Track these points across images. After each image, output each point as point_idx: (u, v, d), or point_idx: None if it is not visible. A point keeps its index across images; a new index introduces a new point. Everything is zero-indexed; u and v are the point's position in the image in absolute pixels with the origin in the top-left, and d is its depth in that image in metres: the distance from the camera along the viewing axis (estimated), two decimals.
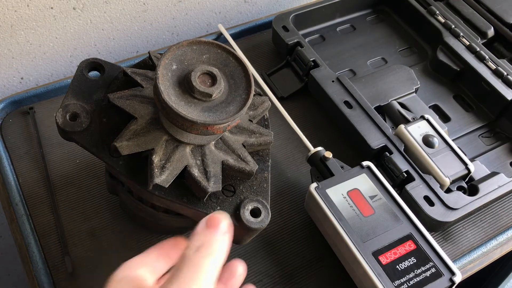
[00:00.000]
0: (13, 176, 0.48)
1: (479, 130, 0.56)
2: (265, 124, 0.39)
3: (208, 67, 0.32)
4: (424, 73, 0.61)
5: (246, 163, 0.34)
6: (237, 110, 0.31)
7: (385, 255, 0.40)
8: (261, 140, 0.36)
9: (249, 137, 0.36)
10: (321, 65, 0.56)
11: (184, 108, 0.30)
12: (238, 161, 0.34)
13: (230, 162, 0.34)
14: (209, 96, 0.31)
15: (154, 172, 0.31)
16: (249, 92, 0.32)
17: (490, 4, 0.63)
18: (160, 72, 0.30)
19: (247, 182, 0.36)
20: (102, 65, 0.37)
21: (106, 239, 0.45)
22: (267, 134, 0.37)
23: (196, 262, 0.26)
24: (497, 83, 0.55)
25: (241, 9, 0.71)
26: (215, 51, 0.33)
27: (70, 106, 0.35)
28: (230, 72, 0.33)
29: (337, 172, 0.45)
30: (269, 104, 0.39)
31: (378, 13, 0.68)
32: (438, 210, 0.45)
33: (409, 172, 0.47)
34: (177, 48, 0.32)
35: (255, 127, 0.37)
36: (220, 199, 0.34)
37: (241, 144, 0.35)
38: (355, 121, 0.51)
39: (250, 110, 0.38)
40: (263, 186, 0.36)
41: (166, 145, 0.33)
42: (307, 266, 0.45)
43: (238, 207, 0.34)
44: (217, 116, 0.31)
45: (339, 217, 0.42)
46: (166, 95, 0.30)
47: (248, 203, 0.34)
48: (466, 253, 0.47)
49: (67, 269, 0.43)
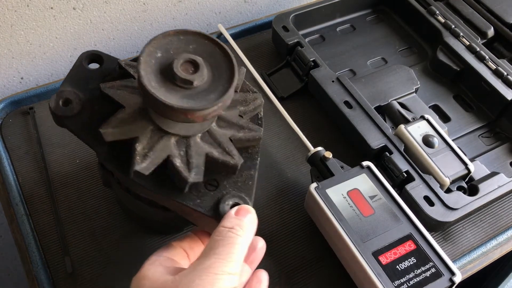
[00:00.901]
0: (13, 176, 0.48)
1: (479, 130, 0.56)
2: (258, 123, 0.39)
3: (191, 56, 0.32)
4: (424, 73, 0.61)
5: (231, 157, 0.34)
6: (217, 98, 0.31)
7: (385, 255, 0.40)
8: (250, 135, 0.36)
9: (237, 132, 0.35)
10: (321, 65, 0.56)
11: (164, 94, 0.30)
12: (222, 154, 0.34)
13: (214, 155, 0.34)
14: (190, 83, 0.31)
15: (136, 160, 0.32)
16: (231, 82, 0.32)
17: (490, 4, 0.63)
18: (143, 58, 0.31)
19: (232, 178, 0.35)
20: (101, 57, 0.38)
21: (106, 239, 0.45)
22: (256, 130, 0.36)
23: (231, 240, 0.30)
24: (497, 83, 0.55)
25: (241, 9, 0.71)
26: (202, 41, 0.33)
27: (64, 93, 0.35)
28: (215, 62, 0.33)
29: (337, 172, 0.45)
30: (261, 101, 0.38)
31: (378, 13, 0.68)
32: (438, 210, 0.45)
33: (409, 172, 0.47)
34: (163, 37, 0.32)
35: (245, 123, 0.36)
36: (201, 192, 0.34)
37: (228, 138, 0.35)
38: (355, 121, 0.51)
39: (242, 105, 0.37)
40: (248, 183, 0.35)
41: (151, 135, 0.33)
42: (307, 266, 0.45)
43: (218, 201, 0.34)
44: (196, 103, 0.30)
45: (339, 217, 0.42)
46: (146, 80, 0.30)
47: (229, 198, 0.34)
48: (466, 253, 0.47)
49: (67, 269, 0.43)
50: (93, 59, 0.38)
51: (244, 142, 0.36)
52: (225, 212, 0.33)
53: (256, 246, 0.35)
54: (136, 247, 0.45)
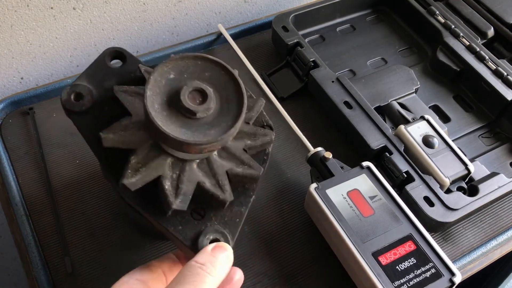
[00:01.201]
0: (13, 176, 0.48)
1: (479, 130, 0.56)
2: (264, 158, 0.37)
3: (202, 85, 0.30)
4: (424, 73, 0.61)
5: (221, 191, 0.32)
6: (217, 134, 0.30)
7: (385, 256, 0.40)
8: (248, 172, 0.34)
9: (237, 166, 0.34)
10: (321, 65, 0.56)
11: (164, 119, 0.29)
12: (214, 187, 0.32)
13: (205, 185, 0.32)
14: (193, 114, 0.30)
15: (127, 173, 0.31)
16: (236, 120, 0.30)
17: (490, 4, 0.63)
18: (153, 77, 0.30)
19: (220, 212, 0.34)
20: (124, 56, 0.37)
21: (106, 239, 0.45)
22: (256, 168, 0.34)
23: (198, 277, 0.29)
24: (497, 83, 0.55)
25: (241, 9, 0.71)
26: (219, 71, 0.32)
27: (79, 87, 0.35)
28: (227, 95, 0.31)
29: (337, 173, 0.45)
30: (271, 138, 0.37)
31: (378, 13, 0.68)
32: (438, 211, 0.45)
33: (409, 173, 0.47)
34: (181, 58, 0.31)
35: (247, 158, 0.34)
36: (185, 219, 0.33)
37: (224, 171, 0.33)
38: (355, 121, 0.51)
39: (249, 139, 0.35)
40: (235, 220, 0.34)
41: (148, 150, 0.32)
42: (307, 266, 0.45)
43: (200, 233, 0.32)
44: (193, 135, 0.29)
45: (339, 217, 0.42)
46: (149, 101, 0.29)
47: (211, 232, 0.32)
48: (466, 254, 0.47)
49: (67, 269, 0.43)
50: (116, 56, 0.37)
51: (241, 178, 0.34)
52: (203, 247, 0.31)
53: (233, 278, 0.33)
54: (136, 248, 0.45)
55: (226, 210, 0.34)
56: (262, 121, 0.38)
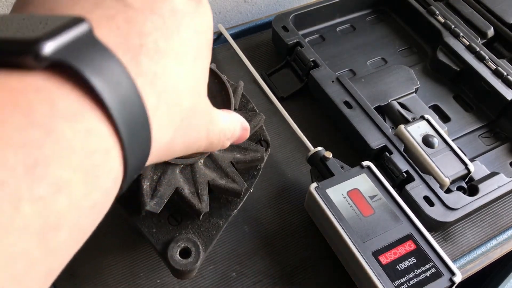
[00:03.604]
0: None
1: (479, 130, 0.56)
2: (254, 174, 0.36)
3: None
4: (424, 73, 0.61)
5: (199, 201, 0.32)
6: None
7: (385, 255, 0.40)
8: (229, 186, 0.33)
9: (220, 178, 0.33)
10: (321, 65, 0.56)
11: None
12: (192, 195, 0.32)
13: (183, 192, 0.32)
14: None
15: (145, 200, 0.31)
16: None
17: (490, 4, 0.63)
18: None
19: (197, 221, 0.33)
20: None
21: (106, 239, 0.45)
22: (240, 183, 0.34)
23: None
24: (497, 83, 0.55)
25: (241, 9, 0.71)
26: (212, 79, 0.32)
27: None
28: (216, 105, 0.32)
29: (337, 172, 0.45)
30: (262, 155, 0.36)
31: (378, 13, 0.68)
32: (438, 210, 0.45)
33: (409, 172, 0.47)
34: None
35: (232, 172, 0.34)
36: (161, 223, 0.32)
37: (206, 180, 0.33)
38: (355, 121, 0.51)
39: (239, 153, 0.35)
40: (211, 232, 0.33)
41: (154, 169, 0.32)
42: (307, 266, 0.45)
43: (171, 240, 0.32)
44: None
45: (339, 217, 0.42)
46: None
47: (182, 241, 0.32)
48: (466, 253, 0.47)
49: (67, 269, 0.43)
50: None
51: (223, 190, 0.34)
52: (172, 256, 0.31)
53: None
54: (136, 248, 0.45)
55: (203, 220, 0.33)
56: (260, 135, 0.38)
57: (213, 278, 0.43)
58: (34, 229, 0.14)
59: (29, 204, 0.14)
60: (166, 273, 0.43)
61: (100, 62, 0.16)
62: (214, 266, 0.44)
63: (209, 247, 0.33)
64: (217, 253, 0.45)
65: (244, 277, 0.44)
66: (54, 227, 0.15)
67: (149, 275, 0.43)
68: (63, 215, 0.15)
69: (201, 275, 0.43)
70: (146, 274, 0.43)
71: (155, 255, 0.44)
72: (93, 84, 0.16)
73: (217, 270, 0.44)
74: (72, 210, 0.15)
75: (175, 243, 0.32)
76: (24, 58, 0.15)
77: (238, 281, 0.43)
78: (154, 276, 0.43)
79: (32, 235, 0.14)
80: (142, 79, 0.18)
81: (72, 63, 0.16)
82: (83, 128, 0.16)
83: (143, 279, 0.42)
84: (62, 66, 0.16)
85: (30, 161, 0.14)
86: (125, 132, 0.17)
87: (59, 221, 0.15)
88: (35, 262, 0.14)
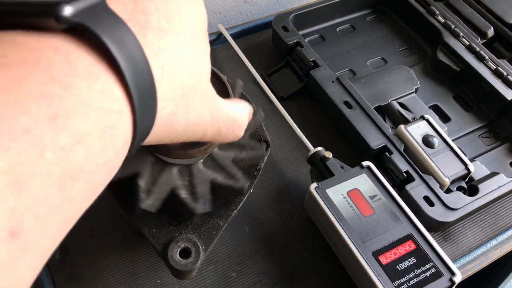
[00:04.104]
0: None
1: (479, 130, 0.56)
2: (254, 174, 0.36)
3: None
4: (424, 73, 0.61)
5: (195, 202, 0.31)
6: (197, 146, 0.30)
7: (385, 255, 0.40)
8: (229, 183, 0.33)
9: (220, 176, 0.33)
10: (321, 65, 0.56)
11: None
12: (188, 195, 0.31)
13: (179, 193, 0.31)
14: None
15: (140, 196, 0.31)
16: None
17: (490, 4, 0.63)
18: None
19: (197, 221, 0.33)
20: None
21: (106, 240, 0.45)
22: (242, 182, 0.33)
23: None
24: (497, 83, 0.55)
25: (241, 9, 0.71)
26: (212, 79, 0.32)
27: None
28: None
29: (337, 172, 0.45)
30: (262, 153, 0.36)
31: (378, 13, 0.68)
32: (438, 210, 0.45)
33: (409, 172, 0.47)
34: None
35: (233, 169, 0.33)
36: (160, 223, 0.32)
37: (206, 180, 0.32)
38: (355, 121, 0.51)
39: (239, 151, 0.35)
40: (211, 232, 0.33)
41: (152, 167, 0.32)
42: (307, 266, 0.45)
43: (171, 240, 0.32)
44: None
45: (339, 217, 0.42)
46: None
47: (182, 241, 0.32)
48: (466, 253, 0.47)
49: (67, 269, 0.43)
50: None
51: (224, 189, 0.33)
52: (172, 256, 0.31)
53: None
54: (136, 248, 0.45)
55: (203, 220, 0.33)
56: (260, 135, 0.38)
57: (213, 278, 0.43)
58: (55, 176, 0.15)
59: (51, 151, 0.15)
60: (166, 273, 0.43)
61: (115, 29, 0.17)
62: (214, 266, 0.44)
63: (209, 247, 0.33)
64: (217, 253, 0.45)
65: (244, 277, 0.44)
66: (71, 177, 0.16)
67: (149, 275, 0.43)
68: (80, 166, 0.16)
69: (201, 275, 0.43)
70: (146, 274, 0.43)
71: (155, 255, 0.44)
72: (109, 47, 0.17)
73: (217, 270, 0.44)
74: (88, 163, 0.16)
75: (175, 243, 0.32)
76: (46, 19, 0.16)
77: (238, 281, 0.43)
78: (154, 276, 0.43)
79: (53, 182, 0.15)
80: (148, 50, 0.19)
81: (90, 26, 0.16)
82: (99, 88, 0.17)
83: (143, 279, 0.42)
84: (80, 29, 0.17)
85: (52, 112, 0.15)
86: (136, 96, 0.18)
87: (76, 172, 0.16)
88: (55, 207, 0.15)
